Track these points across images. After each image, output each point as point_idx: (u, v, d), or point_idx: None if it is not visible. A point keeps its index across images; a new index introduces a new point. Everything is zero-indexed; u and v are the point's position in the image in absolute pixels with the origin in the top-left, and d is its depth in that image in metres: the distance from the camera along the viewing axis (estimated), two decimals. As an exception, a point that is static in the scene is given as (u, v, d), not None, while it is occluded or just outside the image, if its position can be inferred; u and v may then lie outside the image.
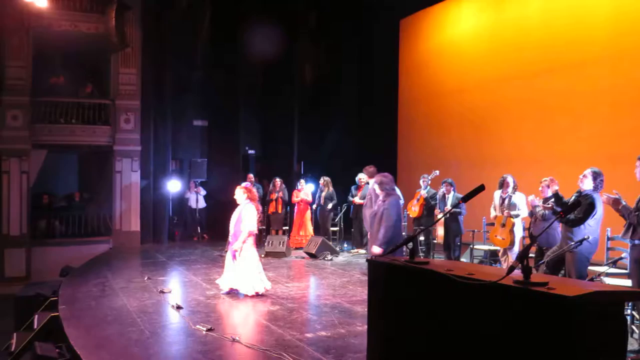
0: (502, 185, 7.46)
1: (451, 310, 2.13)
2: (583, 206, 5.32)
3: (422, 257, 4.19)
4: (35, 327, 6.09)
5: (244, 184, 7.09)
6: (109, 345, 4.87)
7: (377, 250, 5.69)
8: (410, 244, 2.66)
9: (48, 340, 5.63)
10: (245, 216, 6.78)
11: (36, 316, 6.37)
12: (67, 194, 13.40)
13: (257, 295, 6.72)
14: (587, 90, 8.81)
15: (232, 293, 6.85)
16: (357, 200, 10.66)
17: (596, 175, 5.43)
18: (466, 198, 2.61)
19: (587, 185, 5.45)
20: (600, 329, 1.76)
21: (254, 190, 7.04)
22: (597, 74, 8.67)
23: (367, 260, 2.61)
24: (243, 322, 5.70)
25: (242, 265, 6.75)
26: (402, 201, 7.37)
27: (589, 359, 1.70)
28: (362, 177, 10.40)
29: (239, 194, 6.96)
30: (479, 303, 1.99)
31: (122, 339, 5.07)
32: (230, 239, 6.97)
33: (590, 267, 5.82)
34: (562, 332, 1.64)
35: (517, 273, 2.01)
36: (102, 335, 5.20)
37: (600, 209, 5.38)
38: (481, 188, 2.61)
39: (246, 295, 6.71)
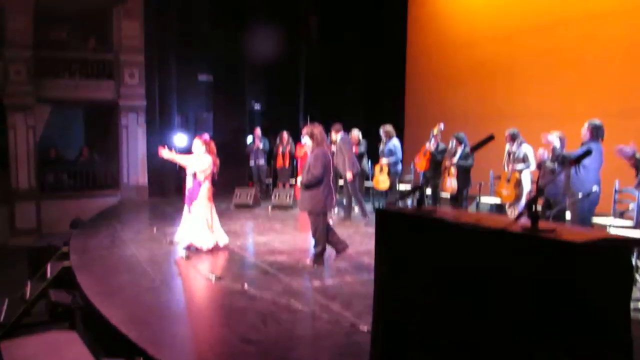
0: (510, 139, 7.43)
1: (458, 258, 2.15)
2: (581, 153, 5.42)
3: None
4: (48, 276, 6.23)
5: (204, 137, 6.92)
6: (120, 293, 5.00)
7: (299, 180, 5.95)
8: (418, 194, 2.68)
9: (61, 288, 5.78)
10: (198, 162, 6.67)
11: (49, 266, 6.51)
12: (75, 150, 13.47)
13: (209, 250, 6.61)
14: (600, 43, 8.62)
15: (192, 248, 6.68)
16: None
17: (593, 127, 5.56)
18: (475, 148, 2.60)
19: (588, 136, 5.55)
20: (607, 276, 1.78)
21: (213, 144, 6.88)
22: (611, 26, 8.45)
23: (375, 209, 2.63)
24: (251, 271, 5.81)
25: (195, 219, 6.63)
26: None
27: (596, 305, 1.72)
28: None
29: (197, 144, 6.73)
30: (486, 250, 2.01)
31: (134, 287, 5.20)
32: (187, 192, 6.80)
33: (596, 219, 5.86)
34: (569, 278, 1.66)
35: (525, 221, 2.01)
36: (113, 284, 5.33)
37: (598, 158, 5.42)
38: (490, 138, 2.60)
39: (201, 249, 6.61)
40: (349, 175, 8.71)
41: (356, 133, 10.49)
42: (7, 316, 5.76)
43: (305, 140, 6.03)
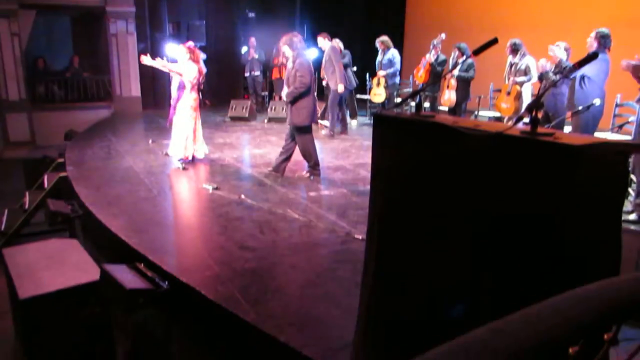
0: (511, 50, 7.23)
1: (455, 162, 2.14)
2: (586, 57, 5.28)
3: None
4: (45, 186, 6.27)
5: (188, 44, 6.64)
6: (119, 203, 5.05)
7: (284, 95, 5.82)
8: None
9: (59, 198, 5.83)
10: (184, 70, 6.45)
11: (45, 176, 6.54)
12: (64, 61, 13.08)
13: (186, 159, 6.55)
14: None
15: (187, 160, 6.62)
16: None
17: (601, 36, 5.36)
18: (477, 51, 2.50)
19: (593, 46, 5.37)
20: (603, 179, 1.79)
21: (198, 51, 6.63)
22: None
23: (373, 113, 2.58)
24: (248, 182, 5.85)
25: (179, 129, 6.53)
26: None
27: (591, 207, 1.74)
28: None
29: (181, 52, 6.46)
30: (484, 155, 1.99)
31: (131, 197, 5.24)
32: (172, 102, 6.63)
33: (595, 134, 5.84)
34: (567, 181, 1.66)
35: (524, 125, 1.98)
36: (111, 193, 5.37)
37: (604, 69, 5.29)
38: (494, 41, 2.49)
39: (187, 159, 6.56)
40: (340, 88, 8.50)
41: (338, 43, 10.24)
42: (8, 225, 5.86)
43: (285, 50, 5.80)
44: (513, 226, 1.91)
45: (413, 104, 3.88)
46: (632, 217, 4.78)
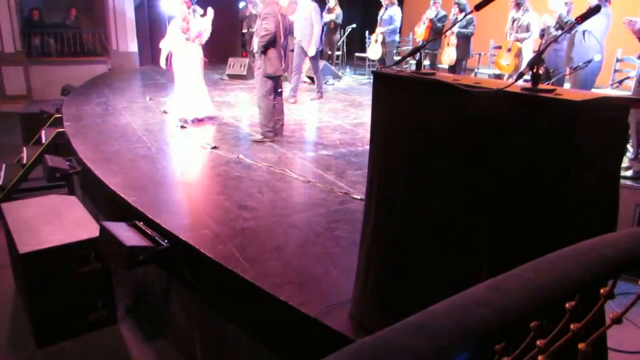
0: (515, 4, 7.07)
1: (456, 120, 2.12)
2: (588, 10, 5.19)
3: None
4: (42, 141, 6.24)
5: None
6: (117, 159, 5.04)
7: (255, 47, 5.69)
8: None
9: (57, 154, 5.82)
10: (198, 25, 6.31)
11: (43, 131, 6.50)
12: (61, 11, 12.79)
13: (203, 119, 6.58)
14: None
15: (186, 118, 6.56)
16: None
17: None
18: (479, 7, 2.43)
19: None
20: (603, 134, 1.79)
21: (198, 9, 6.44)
22: None
23: (372, 71, 2.54)
24: (246, 142, 5.82)
25: (188, 88, 6.45)
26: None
27: (590, 162, 1.75)
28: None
29: (183, 9, 6.27)
30: (485, 112, 1.98)
31: (130, 154, 5.23)
32: (179, 60, 6.46)
33: (593, 90, 5.79)
34: (567, 136, 1.66)
35: (525, 82, 1.97)
36: (109, 150, 5.35)
37: (605, 23, 5.20)
38: (496, -7, 2.42)
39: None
40: (311, 51, 8.00)
41: (332, 1, 10.07)
42: (6, 180, 5.86)
43: (258, 2, 5.71)
44: (513, 181, 1.91)
45: (413, 61, 3.81)
46: (629, 173, 4.79)
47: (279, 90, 5.86)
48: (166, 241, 3.39)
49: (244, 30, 11.64)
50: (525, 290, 1.03)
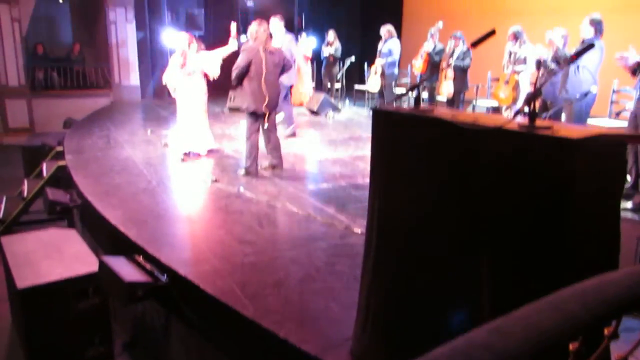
0: (513, 37, 7.20)
1: (454, 157, 2.14)
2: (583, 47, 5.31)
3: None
4: (44, 175, 6.27)
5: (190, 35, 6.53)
6: (118, 193, 5.05)
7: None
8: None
9: (57, 187, 5.83)
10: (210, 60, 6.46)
11: (44, 165, 6.53)
12: (64, 47, 13.03)
13: (205, 153, 6.57)
14: None
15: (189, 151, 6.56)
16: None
17: (595, 23, 5.37)
18: (475, 44, 2.48)
19: (588, 33, 5.39)
20: (602, 171, 1.80)
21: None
22: None
23: (372, 108, 2.57)
24: (247, 175, 5.83)
25: (194, 122, 6.49)
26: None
27: (589, 198, 1.75)
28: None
29: (185, 42, 6.38)
30: (483, 149, 1.99)
31: (130, 188, 5.24)
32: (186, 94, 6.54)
33: (590, 120, 5.85)
34: (566, 173, 1.67)
35: (523, 119, 1.99)
36: (110, 184, 5.36)
37: (599, 56, 5.29)
38: (491, 32, 2.47)
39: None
40: (286, 80, 7.22)
41: (331, 35, 10.26)
42: (6, 213, 5.86)
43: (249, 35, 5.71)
44: (513, 218, 1.91)
45: (411, 92, 3.85)
46: (629, 205, 4.80)
47: (270, 125, 5.81)
48: (165, 276, 3.36)
49: None
50: (528, 333, 1.02)
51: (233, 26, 6.65)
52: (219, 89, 10.65)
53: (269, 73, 5.59)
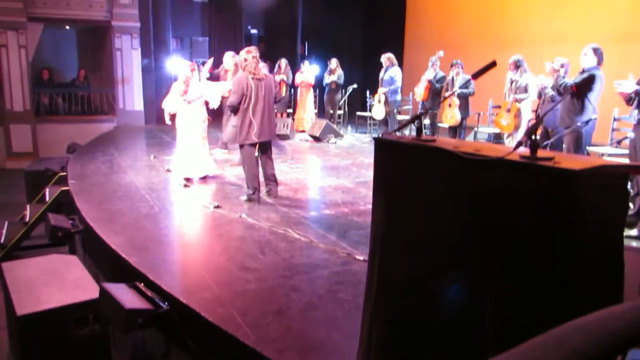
0: (514, 66, 7.28)
1: (457, 187, 2.14)
2: (584, 77, 5.37)
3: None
4: (46, 200, 6.27)
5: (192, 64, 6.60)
6: (120, 219, 5.05)
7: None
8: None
9: (60, 212, 5.84)
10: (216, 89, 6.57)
11: (47, 190, 6.55)
12: (69, 73, 13.20)
13: (205, 178, 6.61)
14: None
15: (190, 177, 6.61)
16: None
17: (596, 51, 5.43)
18: (476, 75, 2.51)
19: (590, 62, 5.43)
20: (604, 202, 1.80)
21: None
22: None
23: (374, 137, 2.59)
24: (249, 201, 5.84)
25: (192, 148, 6.52)
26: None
27: (592, 231, 1.74)
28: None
29: (187, 70, 6.45)
30: (485, 179, 2.00)
31: (133, 213, 5.24)
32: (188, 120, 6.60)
33: (592, 148, 5.87)
34: (568, 205, 1.67)
35: (524, 150, 1.99)
36: (112, 209, 5.37)
37: (600, 85, 5.34)
38: (492, 64, 2.50)
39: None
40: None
41: (334, 63, 10.40)
42: (8, 238, 5.86)
43: (238, 64, 5.79)
44: (516, 250, 1.91)
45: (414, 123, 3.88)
46: (634, 232, 4.78)
47: (264, 155, 5.85)
48: (166, 303, 3.34)
49: None
50: (532, 369, 1.01)
51: (209, 62, 6.66)
52: (220, 114, 10.73)
53: (258, 102, 5.55)
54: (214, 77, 8.46)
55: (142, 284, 3.56)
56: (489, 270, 2.00)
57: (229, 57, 8.24)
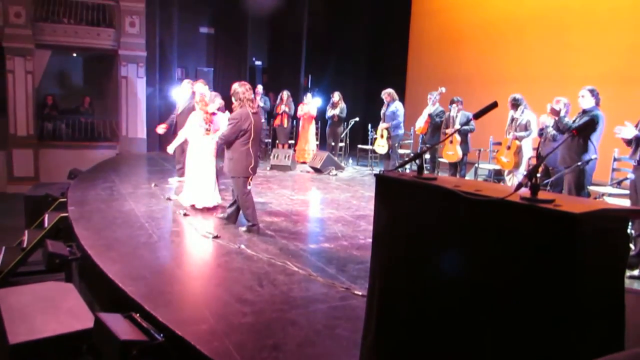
0: (512, 105, 7.36)
1: (458, 227, 2.14)
2: (585, 121, 5.43)
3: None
4: (45, 226, 6.25)
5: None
6: (118, 247, 5.02)
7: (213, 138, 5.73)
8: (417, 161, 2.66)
9: (58, 239, 5.81)
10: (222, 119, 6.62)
11: (46, 215, 6.53)
12: (74, 99, 13.34)
13: (208, 208, 6.61)
14: (607, 6, 8.46)
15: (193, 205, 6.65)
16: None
17: (592, 92, 5.52)
18: (478, 115, 2.55)
19: (588, 103, 5.51)
20: (604, 244, 1.80)
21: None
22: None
23: (375, 174, 2.60)
24: (248, 231, 5.83)
25: (202, 177, 6.60)
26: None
27: (593, 275, 1.74)
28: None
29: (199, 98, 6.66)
30: (485, 220, 2.00)
31: (131, 242, 5.22)
32: (195, 149, 6.74)
33: (592, 187, 5.88)
34: (568, 249, 1.67)
35: (525, 191, 2.00)
36: (111, 237, 5.35)
37: (601, 126, 5.40)
38: (494, 105, 2.53)
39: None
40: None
41: (336, 96, 10.53)
42: (4, 263, 5.81)
43: (233, 99, 5.75)
44: (515, 289, 1.90)
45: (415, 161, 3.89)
46: (636, 272, 4.74)
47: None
48: (162, 335, 3.30)
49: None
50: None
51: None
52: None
53: (256, 136, 5.62)
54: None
55: (138, 315, 3.52)
56: (489, 308, 1.99)
57: (186, 84, 8.41)
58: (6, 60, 11.35)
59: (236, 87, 5.69)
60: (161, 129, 8.42)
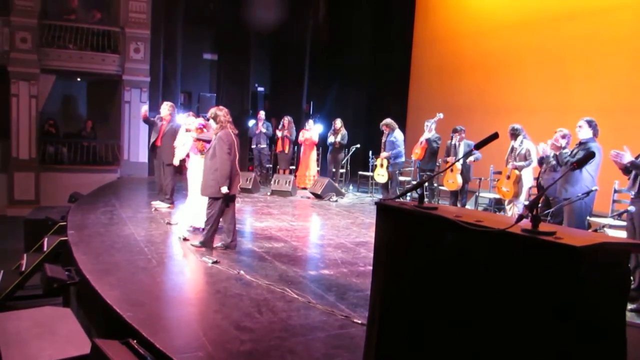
0: (511, 135, 7.41)
1: (458, 256, 2.14)
2: (584, 154, 5.43)
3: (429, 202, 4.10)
4: (44, 249, 6.23)
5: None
6: (116, 271, 5.00)
7: (224, 190, 5.76)
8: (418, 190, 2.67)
9: (57, 262, 5.79)
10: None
11: (45, 239, 6.51)
12: (76, 123, 13.43)
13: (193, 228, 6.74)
14: (607, 38, 8.57)
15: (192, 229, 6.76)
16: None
17: (590, 123, 5.55)
18: (479, 146, 2.57)
19: (586, 134, 5.54)
20: (605, 277, 1.79)
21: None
22: (618, 21, 8.39)
23: (376, 202, 2.61)
24: (247, 257, 5.81)
25: (194, 197, 6.71)
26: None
27: (594, 308, 1.73)
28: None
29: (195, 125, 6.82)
30: (486, 250, 2.00)
31: (130, 266, 5.19)
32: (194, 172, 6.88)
33: (593, 218, 5.87)
34: (569, 281, 1.67)
35: (526, 222, 2.01)
36: (110, 261, 5.32)
37: (599, 158, 5.42)
38: (495, 136, 2.56)
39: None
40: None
41: (338, 123, 10.63)
42: (1, 287, 5.78)
43: (211, 122, 6.01)
44: (516, 321, 1.89)
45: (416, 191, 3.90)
46: (636, 305, 4.70)
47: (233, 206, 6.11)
48: (159, 363, 3.26)
49: (253, 147, 12.13)
50: None
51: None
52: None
53: (237, 156, 5.92)
54: (149, 124, 9.03)
55: (135, 341, 3.48)
56: (489, 340, 1.97)
57: (165, 107, 8.55)
58: (11, 84, 11.47)
59: (215, 110, 6.00)
60: (143, 110, 8.93)
